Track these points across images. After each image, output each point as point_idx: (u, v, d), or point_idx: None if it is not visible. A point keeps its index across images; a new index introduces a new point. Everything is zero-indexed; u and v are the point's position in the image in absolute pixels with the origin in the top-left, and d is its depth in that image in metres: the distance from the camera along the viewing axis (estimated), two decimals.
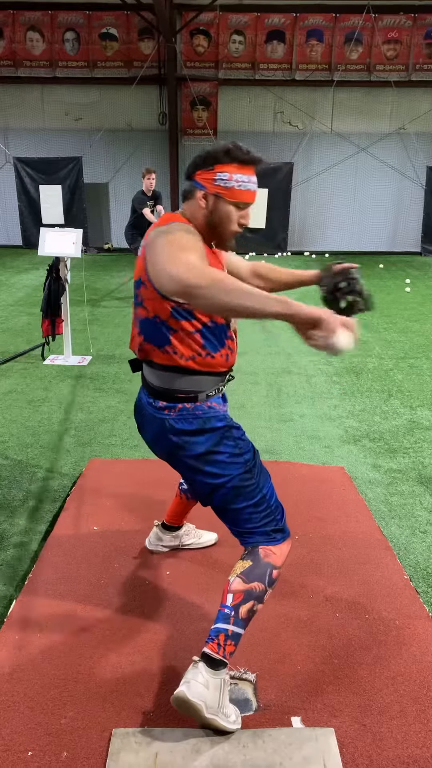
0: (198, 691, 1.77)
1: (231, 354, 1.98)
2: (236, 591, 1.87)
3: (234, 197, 1.83)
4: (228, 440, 1.94)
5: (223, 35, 13.96)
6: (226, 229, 1.87)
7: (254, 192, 1.85)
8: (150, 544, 2.75)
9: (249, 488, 1.93)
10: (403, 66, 14.08)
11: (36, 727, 1.85)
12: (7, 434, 4.10)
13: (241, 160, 1.81)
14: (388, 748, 1.80)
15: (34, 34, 14.06)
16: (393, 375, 5.52)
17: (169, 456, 2.01)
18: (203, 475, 1.95)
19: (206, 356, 1.90)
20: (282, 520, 1.99)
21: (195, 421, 1.93)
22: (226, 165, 1.81)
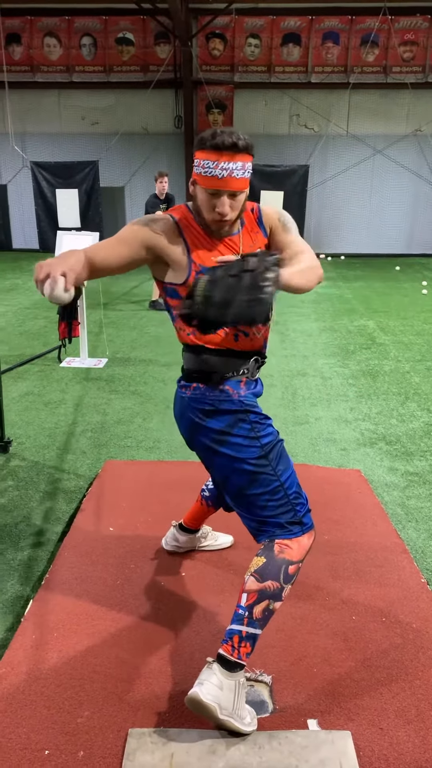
0: (211, 692, 1.76)
1: (243, 336, 1.94)
2: (250, 591, 1.84)
3: (202, 183, 1.84)
4: (244, 423, 1.92)
5: (239, 38, 14.00)
6: (205, 215, 1.88)
7: (219, 178, 1.79)
8: (166, 544, 2.75)
9: (265, 474, 1.90)
10: (420, 67, 14.02)
11: (53, 726, 1.86)
12: (24, 436, 4.13)
13: (207, 146, 1.79)
14: (406, 752, 1.79)
15: (51, 40, 14.20)
16: (410, 377, 5.49)
17: (190, 435, 2.04)
18: (219, 457, 1.94)
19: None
20: (301, 512, 1.93)
21: (207, 402, 1.95)
22: (198, 151, 1.83)
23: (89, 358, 5.94)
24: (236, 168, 1.79)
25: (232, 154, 1.77)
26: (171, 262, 1.90)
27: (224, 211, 1.83)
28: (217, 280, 1.63)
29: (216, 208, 1.84)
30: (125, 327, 7.44)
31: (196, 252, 1.90)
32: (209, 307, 1.63)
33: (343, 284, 10.67)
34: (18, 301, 8.99)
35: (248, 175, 1.84)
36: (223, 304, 1.61)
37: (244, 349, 1.96)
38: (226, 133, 1.77)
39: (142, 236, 1.88)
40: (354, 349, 6.46)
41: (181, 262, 1.90)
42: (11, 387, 5.07)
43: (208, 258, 1.89)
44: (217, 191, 1.81)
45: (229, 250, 1.92)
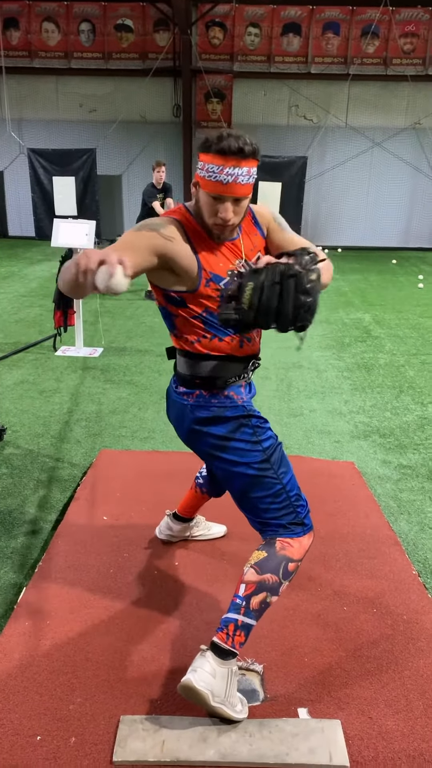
0: (204, 679, 1.78)
1: (246, 342, 1.96)
2: (249, 582, 1.86)
3: (205, 187, 1.77)
4: (246, 428, 1.93)
5: (239, 27, 13.89)
6: (206, 219, 1.82)
7: (224, 184, 1.73)
8: (160, 533, 2.76)
9: (268, 478, 1.91)
10: (420, 60, 13.95)
11: (44, 713, 1.87)
12: (19, 424, 4.12)
13: (213, 150, 1.73)
14: (395, 741, 1.81)
15: (49, 25, 14.06)
16: (404, 371, 5.50)
17: (190, 441, 2.04)
18: (221, 462, 1.96)
19: (212, 339, 1.91)
20: (302, 513, 1.95)
21: (211, 409, 1.95)
22: (203, 154, 1.76)
23: (85, 347, 5.93)
24: (241, 174, 1.73)
25: (238, 160, 1.71)
26: (180, 269, 1.83)
27: (227, 217, 1.78)
28: (264, 288, 1.57)
29: (219, 214, 1.78)
30: (121, 316, 7.42)
31: (204, 257, 1.85)
32: (258, 315, 1.59)
33: (340, 277, 10.67)
34: (14, 289, 8.95)
35: (253, 181, 1.80)
36: (272, 311, 1.57)
37: (246, 354, 1.97)
38: (233, 137, 1.71)
39: (154, 243, 1.78)
40: (349, 342, 6.47)
41: (191, 270, 1.83)
42: (6, 375, 5.06)
43: (216, 264, 1.86)
44: (220, 197, 1.76)
45: (233, 255, 1.90)
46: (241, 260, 1.90)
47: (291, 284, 1.56)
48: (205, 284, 1.85)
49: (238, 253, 1.91)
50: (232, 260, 1.89)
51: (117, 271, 1.42)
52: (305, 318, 1.59)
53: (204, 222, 1.84)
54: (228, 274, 1.85)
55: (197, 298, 1.86)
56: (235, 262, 1.89)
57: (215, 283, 1.85)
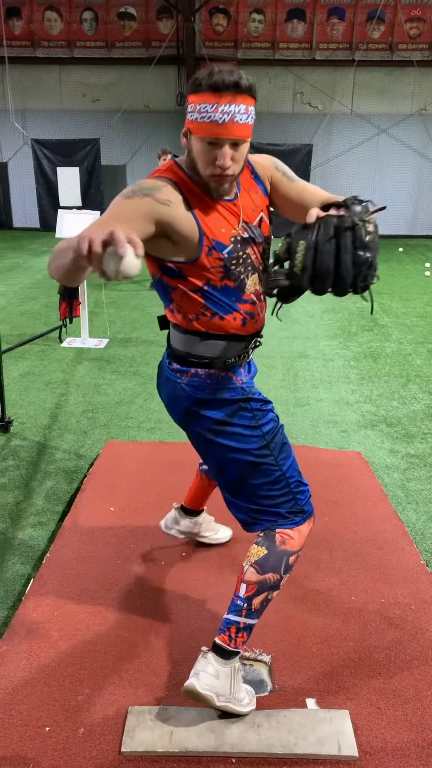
0: (208, 682, 1.76)
1: (249, 320, 1.77)
2: (249, 582, 1.78)
3: (198, 132, 1.55)
4: (245, 411, 1.79)
5: (243, 14, 13.76)
6: (201, 171, 1.59)
7: (220, 124, 1.51)
8: (165, 527, 2.61)
9: (266, 464, 1.79)
10: (426, 45, 13.80)
11: (53, 703, 1.88)
12: (25, 416, 4.12)
13: (204, 86, 1.51)
14: (403, 732, 1.80)
15: (52, 14, 13.97)
16: (412, 360, 5.47)
17: (183, 422, 1.88)
18: (217, 447, 1.81)
19: (212, 317, 1.72)
20: (302, 500, 1.84)
21: (207, 390, 1.79)
22: (192, 94, 1.56)
23: (90, 338, 5.92)
24: (239, 111, 1.52)
25: (233, 95, 1.50)
26: (180, 237, 1.61)
27: (225, 164, 1.55)
28: (318, 246, 1.38)
29: (216, 161, 1.55)
30: (126, 307, 7.41)
31: (204, 222, 1.63)
32: (314, 279, 1.40)
33: None
34: (19, 281, 8.94)
35: (252, 122, 1.57)
36: (330, 272, 1.38)
37: (248, 332, 1.80)
38: (226, 71, 1.51)
39: (148, 210, 1.56)
40: (356, 331, 6.43)
41: (192, 237, 1.62)
42: (12, 367, 5.06)
43: (218, 229, 1.65)
44: (217, 140, 1.53)
45: (233, 217, 1.69)
46: (240, 223, 1.70)
47: (348, 239, 1.37)
48: (207, 253, 1.64)
49: (237, 215, 1.70)
50: (233, 224, 1.68)
51: (128, 252, 1.21)
52: (367, 275, 1.40)
53: (200, 178, 1.62)
54: (231, 241, 1.66)
55: (197, 269, 1.66)
56: (236, 226, 1.69)
57: (218, 252, 1.65)
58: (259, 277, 1.76)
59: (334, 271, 1.39)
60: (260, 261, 1.76)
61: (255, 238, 1.73)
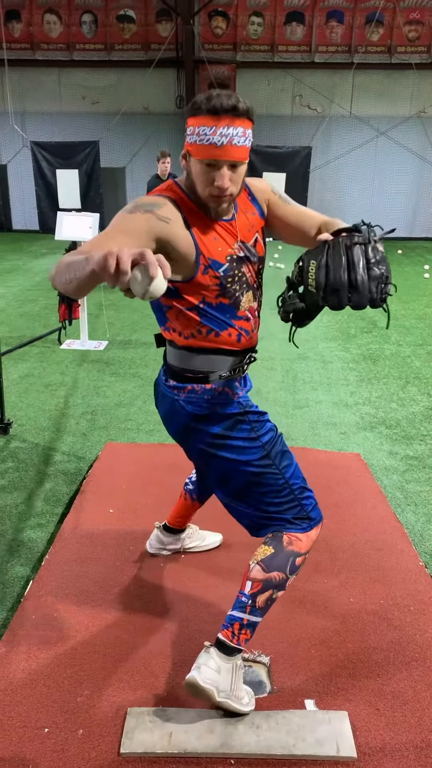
0: (209, 676, 1.76)
1: (244, 335, 1.81)
2: (255, 579, 1.79)
3: (196, 153, 1.59)
4: (243, 424, 1.82)
5: (242, 17, 13.79)
6: (200, 192, 1.63)
7: (218, 146, 1.55)
8: (151, 547, 2.61)
9: (269, 474, 1.81)
10: (425, 48, 13.82)
11: (52, 705, 1.88)
12: (24, 417, 4.13)
13: (203, 110, 1.55)
14: (402, 733, 1.81)
15: (51, 17, 13.99)
16: (410, 362, 5.48)
17: (181, 438, 1.92)
18: (218, 461, 1.84)
19: (208, 334, 1.76)
20: (308, 507, 1.85)
21: (204, 406, 1.81)
22: (191, 117, 1.59)
23: (89, 340, 5.92)
24: (237, 134, 1.55)
25: (231, 118, 1.54)
26: (177, 255, 1.64)
27: (224, 185, 1.59)
28: (329, 262, 1.42)
29: (215, 182, 1.59)
30: (125, 309, 7.41)
31: (202, 241, 1.67)
32: (328, 293, 1.43)
33: None
34: (18, 283, 8.95)
35: (249, 144, 1.61)
36: (344, 285, 1.41)
37: (243, 347, 1.83)
38: (224, 95, 1.54)
39: (151, 226, 1.58)
40: (355, 333, 6.44)
41: (189, 255, 1.65)
42: (11, 369, 5.06)
43: (215, 248, 1.68)
44: (215, 161, 1.57)
45: (230, 236, 1.73)
46: (237, 243, 1.73)
47: (359, 252, 1.42)
48: (203, 272, 1.67)
49: (234, 235, 1.73)
50: (230, 243, 1.72)
51: (159, 273, 1.17)
52: (385, 288, 1.44)
53: (198, 198, 1.66)
54: (227, 260, 1.70)
55: (193, 287, 1.70)
56: (233, 245, 1.72)
57: (213, 270, 1.69)
58: (254, 294, 1.82)
59: (348, 283, 1.43)
60: (255, 279, 1.81)
61: (250, 258, 1.77)
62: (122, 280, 1.17)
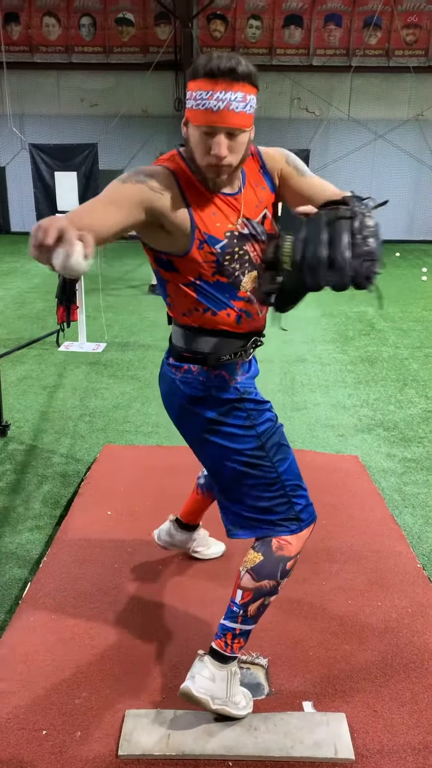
0: (203, 685, 1.76)
1: (245, 317, 1.72)
2: (245, 588, 1.76)
3: (194, 120, 1.51)
4: (239, 411, 1.74)
5: (240, 20, 13.84)
6: (198, 161, 1.55)
7: (214, 111, 1.47)
8: (159, 538, 2.54)
9: (261, 465, 1.74)
10: (423, 51, 13.89)
11: (50, 707, 1.87)
12: (22, 420, 4.13)
13: (200, 73, 1.47)
14: (400, 734, 1.81)
15: (50, 19, 14.03)
16: (408, 364, 5.49)
17: (178, 420, 1.85)
18: (211, 446, 1.77)
19: (205, 312, 1.68)
20: (298, 507, 1.77)
21: (199, 388, 1.75)
22: (191, 80, 1.51)
23: (88, 342, 5.93)
24: (234, 99, 1.47)
25: (229, 82, 1.46)
26: (171, 227, 1.58)
27: (221, 153, 1.50)
28: (307, 238, 1.29)
29: (211, 150, 1.51)
30: (124, 311, 7.42)
31: (198, 215, 1.59)
32: (305, 273, 1.30)
33: None
34: (16, 285, 8.95)
35: (251, 111, 1.52)
36: (323, 262, 1.28)
37: (245, 330, 1.74)
38: (224, 57, 1.46)
39: (141, 196, 1.53)
40: (353, 336, 6.45)
41: (183, 229, 1.58)
42: (9, 371, 5.06)
43: (212, 223, 1.60)
44: (211, 128, 1.49)
45: (233, 212, 1.64)
46: (241, 219, 1.64)
47: (344, 226, 1.29)
48: (198, 246, 1.60)
49: (237, 210, 1.64)
50: (231, 219, 1.63)
51: (76, 250, 1.20)
52: (370, 266, 1.29)
53: (198, 168, 1.58)
54: (226, 236, 1.61)
55: (189, 262, 1.62)
56: (235, 221, 1.64)
57: (210, 246, 1.60)
58: (259, 274, 1.68)
59: (329, 260, 1.29)
60: (261, 259, 1.68)
61: (257, 236, 1.67)
62: (44, 253, 1.21)
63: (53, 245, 1.20)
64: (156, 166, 1.61)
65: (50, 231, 1.20)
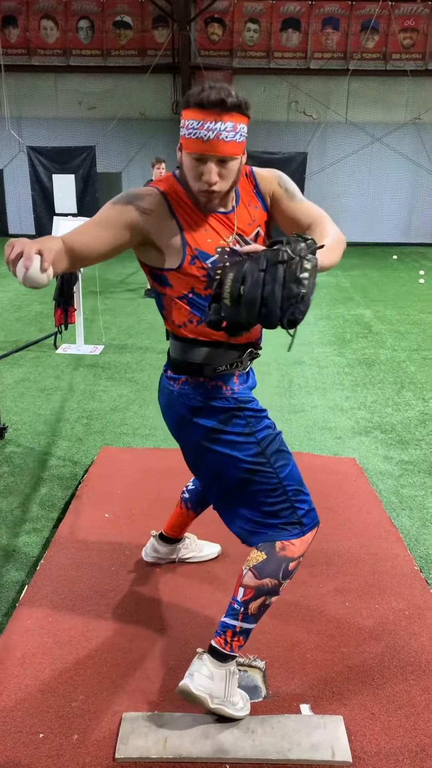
0: (202, 683, 1.76)
1: None
2: (247, 586, 1.77)
3: (186, 147, 1.59)
4: (238, 419, 1.78)
5: (238, 23, 13.87)
6: (191, 186, 1.64)
7: (204, 141, 1.54)
8: (146, 555, 2.57)
9: (262, 472, 1.76)
10: (420, 55, 13.93)
11: (47, 710, 1.87)
12: (20, 422, 4.12)
13: (191, 103, 1.55)
14: (397, 737, 1.81)
15: (48, 22, 14.04)
16: (406, 367, 5.50)
17: (177, 431, 1.89)
18: (211, 454, 1.79)
19: (198, 324, 1.73)
20: (302, 511, 1.79)
21: (198, 399, 1.79)
22: (184, 109, 1.59)
23: (85, 344, 5.93)
24: (224, 129, 1.54)
25: (219, 113, 1.53)
26: (161, 245, 1.67)
27: (211, 179, 1.58)
28: (246, 276, 1.40)
29: (203, 177, 1.59)
30: (122, 314, 7.42)
31: (189, 232, 1.67)
32: (241, 309, 1.41)
33: (340, 273, 10.64)
34: (14, 287, 8.95)
35: (241, 139, 1.59)
36: (256, 302, 1.39)
37: (239, 341, 1.77)
38: (215, 89, 1.53)
39: (127, 217, 1.63)
40: (350, 338, 6.46)
41: (174, 245, 1.66)
42: (7, 373, 5.06)
43: (203, 239, 1.67)
44: (202, 156, 1.57)
45: (226, 229, 1.70)
46: (233, 236, 1.70)
47: (279, 271, 1.38)
48: (189, 261, 1.66)
49: (230, 227, 1.71)
50: (223, 235, 1.69)
51: (33, 264, 1.38)
52: (295, 311, 1.39)
53: (191, 191, 1.66)
54: (217, 251, 1.67)
55: (181, 276, 1.69)
56: (227, 238, 1.69)
57: (201, 261, 1.67)
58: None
59: (262, 301, 1.40)
60: None
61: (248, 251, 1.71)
62: (10, 267, 1.40)
63: (15, 259, 1.38)
64: (147, 188, 1.71)
65: (16, 247, 1.39)
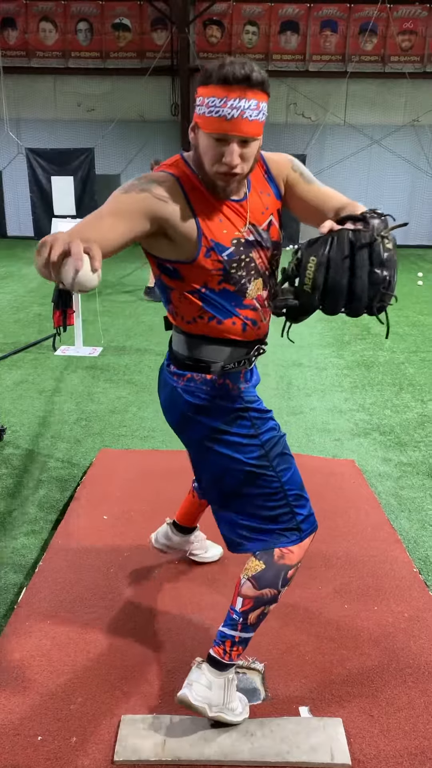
0: (201, 693, 1.75)
1: (251, 325, 1.69)
2: (246, 596, 1.73)
3: (205, 127, 1.47)
4: (243, 420, 1.71)
5: (237, 25, 13.89)
6: (208, 168, 1.52)
7: (228, 119, 1.44)
8: (156, 541, 2.51)
9: (264, 475, 1.71)
10: (418, 57, 13.95)
11: (45, 713, 1.87)
12: (18, 424, 4.12)
13: (213, 79, 1.43)
14: (396, 739, 1.80)
15: (46, 24, 14.06)
16: (404, 368, 5.50)
17: (178, 428, 1.82)
18: (213, 455, 1.74)
19: (210, 321, 1.65)
20: (301, 516, 1.75)
21: (203, 397, 1.71)
22: (202, 87, 1.48)
23: (84, 346, 5.92)
24: (249, 107, 1.44)
25: (244, 90, 1.42)
26: (176, 235, 1.55)
27: (233, 161, 1.47)
28: (330, 263, 1.29)
29: (223, 158, 1.48)
30: (120, 315, 7.41)
31: (204, 221, 1.56)
32: (326, 297, 1.31)
33: None
34: (12, 289, 8.94)
35: (263, 118, 1.50)
36: (343, 291, 1.29)
37: (249, 338, 1.72)
38: (237, 63, 1.42)
39: (144, 205, 1.50)
40: (349, 340, 6.46)
41: (190, 236, 1.55)
42: (5, 375, 5.05)
43: (219, 230, 1.57)
44: (224, 136, 1.46)
45: (239, 219, 1.61)
46: (247, 225, 1.62)
47: (364, 255, 1.28)
48: (204, 254, 1.56)
49: (243, 217, 1.61)
50: (237, 226, 1.60)
51: (84, 265, 1.19)
52: (384, 297, 1.30)
53: (205, 175, 1.54)
54: (232, 243, 1.58)
55: (195, 270, 1.58)
56: (241, 228, 1.61)
57: (217, 254, 1.57)
58: (264, 282, 1.68)
59: (348, 289, 1.30)
60: (266, 266, 1.67)
61: (262, 242, 1.64)
62: (53, 270, 1.20)
63: (58, 261, 1.19)
64: (159, 173, 1.58)
65: (55, 247, 1.19)
